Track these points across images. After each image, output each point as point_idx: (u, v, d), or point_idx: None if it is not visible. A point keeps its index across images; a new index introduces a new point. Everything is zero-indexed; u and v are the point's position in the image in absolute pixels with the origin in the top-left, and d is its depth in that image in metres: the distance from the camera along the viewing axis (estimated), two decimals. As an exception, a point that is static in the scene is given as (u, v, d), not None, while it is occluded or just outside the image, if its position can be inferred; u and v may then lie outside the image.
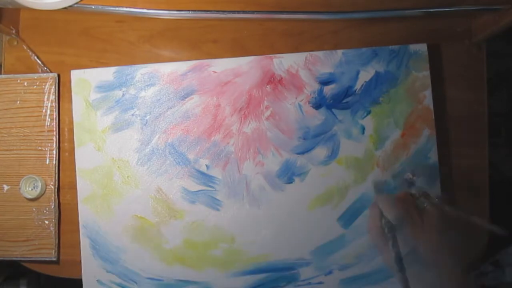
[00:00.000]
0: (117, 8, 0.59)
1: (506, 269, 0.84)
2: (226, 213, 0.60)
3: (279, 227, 0.60)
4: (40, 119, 0.63)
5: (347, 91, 0.60)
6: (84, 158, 0.62)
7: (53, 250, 0.62)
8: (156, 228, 0.61)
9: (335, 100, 0.60)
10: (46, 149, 0.63)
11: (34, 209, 0.63)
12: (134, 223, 0.61)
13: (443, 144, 0.60)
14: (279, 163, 0.60)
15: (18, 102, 0.64)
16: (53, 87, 0.63)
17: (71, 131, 0.63)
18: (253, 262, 0.60)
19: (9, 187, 0.63)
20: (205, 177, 0.61)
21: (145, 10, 0.59)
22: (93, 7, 0.58)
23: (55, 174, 0.63)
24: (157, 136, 0.62)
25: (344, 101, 0.60)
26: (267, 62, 0.61)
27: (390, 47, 0.60)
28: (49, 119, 0.63)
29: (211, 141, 0.61)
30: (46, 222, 0.63)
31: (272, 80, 0.61)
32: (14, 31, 0.65)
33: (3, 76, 0.65)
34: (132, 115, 0.62)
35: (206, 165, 0.61)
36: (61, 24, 0.65)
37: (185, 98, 0.62)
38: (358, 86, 0.60)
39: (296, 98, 0.60)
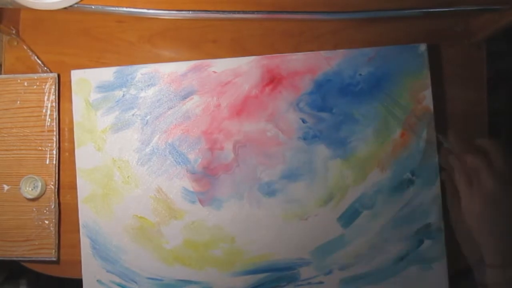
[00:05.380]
0: (117, 8, 0.59)
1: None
2: (226, 213, 0.60)
3: (279, 227, 0.60)
4: (40, 119, 0.63)
5: (347, 91, 0.60)
6: (84, 158, 0.62)
7: (53, 250, 0.62)
8: (156, 228, 0.61)
9: (334, 100, 0.60)
10: (46, 149, 0.63)
11: (34, 209, 0.63)
12: (134, 223, 0.61)
13: (443, 144, 0.60)
14: (280, 163, 0.60)
15: (18, 102, 0.64)
16: (53, 87, 0.63)
17: (71, 131, 0.63)
18: (253, 262, 0.60)
19: (9, 187, 0.63)
20: (205, 177, 0.61)
21: (145, 10, 0.59)
22: (93, 7, 0.58)
23: (55, 174, 0.63)
24: (157, 136, 0.62)
25: (343, 101, 0.60)
26: (267, 62, 0.61)
27: (390, 47, 0.60)
28: (49, 119, 0.63)
29: (211, 141, 0.61)
30: (46, 222, 0.63)
31: (272, 80, 0.61)
32: (14, 31, 0.65)
33: (3, 76, 0.65)
34: (133, 115, 0.62)
35: (206, 165, 0.61)
36: (61, 24, 0.65)
37: (185, 98, 0.62)
38: (357, 86, 0.60)
39: (296, 98, 0.60)
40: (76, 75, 0.63)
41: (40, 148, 0.63)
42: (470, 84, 0.61)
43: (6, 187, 0.63)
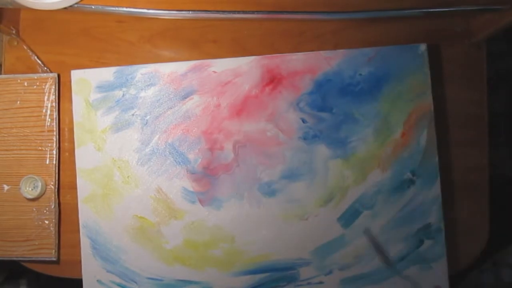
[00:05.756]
0: (117, 8, 0.59)
1: (503, 269, 0.84)
2: (226, 213, 0.60)
3: (279, 227, 0.60)
4: (40, 119, 0.63)
5: (347, 91, 0.60)
6: (84, 158, 0.62)
7: (53, 250, 0.62)
8: (156, 228, 0.61)
9: (334, 100, 0.60)
10: (46, 149, 0.63)
11: (34, 209, 0.63)
12: (134, 223, 0.61)
13: (443, 144, 0.60)
14: (280, 163, 0.60)
15: (18, 102, 0.64)
16: (53, 87, 0.63)
17: (71, 131, 0.63)
18: (253, 262, 0.60)
19: (9, 187, 0.63)
20: (205, 177, 0.61)
21: (145, 10, 0.59)
22: (93, 7, 0.58)
23: (55, 174, 0.63)
24: (157, 136, 0.62)
25: (343, 101, 0.60)
26: (267, 62, 0.61)
27: (390, 47, 0.60)
28: (49, 119, 0.63)
29: (211, 141, 0.61)
30: (46, 222, 0.63)
31: (272, 80, 0.61)
32: (14, 31, 0.65)
33: (3, 76, 0.65)
34: (132, 115, 0.62)
35: (206, 165, 0.61)
36: (61, 24, 0.65)
37: (185, 98, 0.62)
38: (357, 86, 0.60)
39: (296, 98, 0.60)
40: (76, 75, 0.63)
41: (40, 148, 0.63)
42: (470, 84, 0.61)
43: (6, 187, 0.63)
